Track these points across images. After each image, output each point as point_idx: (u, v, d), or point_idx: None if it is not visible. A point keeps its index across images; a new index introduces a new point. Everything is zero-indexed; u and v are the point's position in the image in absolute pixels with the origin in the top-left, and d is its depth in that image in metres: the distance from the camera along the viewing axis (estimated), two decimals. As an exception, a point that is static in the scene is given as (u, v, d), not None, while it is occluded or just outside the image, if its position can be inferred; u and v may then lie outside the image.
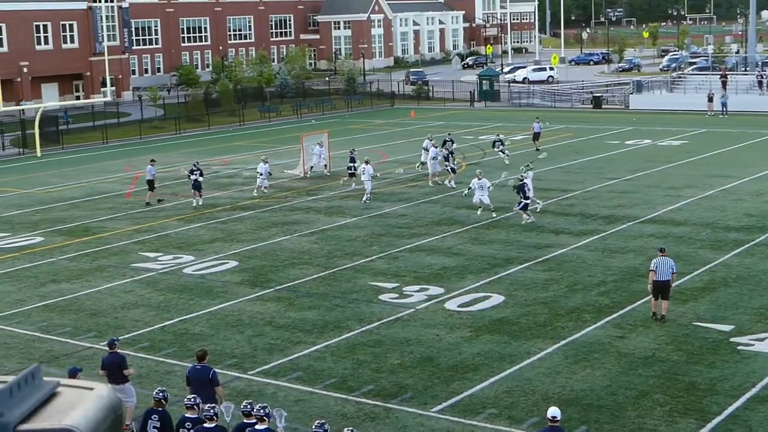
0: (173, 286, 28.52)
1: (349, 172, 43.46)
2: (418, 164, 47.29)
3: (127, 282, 29.09)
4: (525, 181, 35.40)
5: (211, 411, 14.80)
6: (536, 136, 54.73)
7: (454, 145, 47.78)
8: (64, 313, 26.16)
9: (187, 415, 15.02)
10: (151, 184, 41.23)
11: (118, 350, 18.27)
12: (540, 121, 55.62)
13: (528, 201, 35.11)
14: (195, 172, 40.44)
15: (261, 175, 42.24)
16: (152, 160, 42.99)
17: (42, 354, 22.85)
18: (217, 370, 18.32)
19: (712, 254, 30.03)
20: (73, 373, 16.69)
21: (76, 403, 2.19)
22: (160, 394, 15.67)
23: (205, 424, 14.58)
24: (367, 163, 40.45)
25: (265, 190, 42.56)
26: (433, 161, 44.33)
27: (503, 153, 49.07)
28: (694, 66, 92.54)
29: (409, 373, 20.80)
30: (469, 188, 36.78)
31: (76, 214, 40.06)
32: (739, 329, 22.89)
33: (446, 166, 44.04)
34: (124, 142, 66.60)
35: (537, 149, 52.80)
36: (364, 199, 39.73)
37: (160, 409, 15.48)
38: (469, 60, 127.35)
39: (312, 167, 47.36)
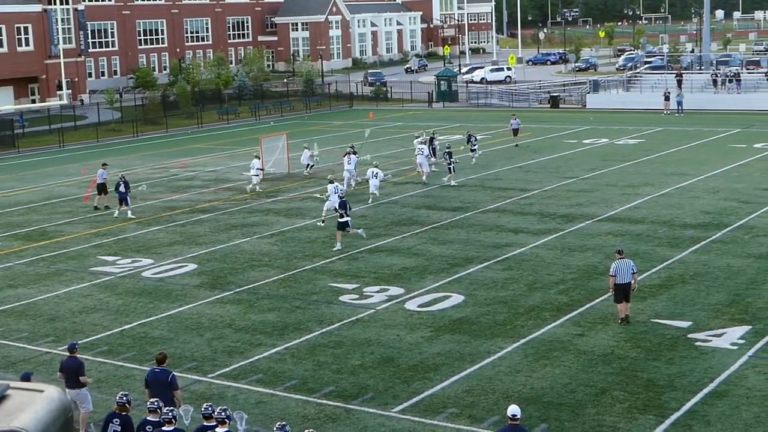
0: (132, 289, 28.31)
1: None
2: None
3: (86, 286, 28.85)
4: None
5: (170, 414, 14.68)
6: (515, 132, 56.29)
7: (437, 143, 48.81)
8: (21, 318, 25.91)
9: (148, 418, 14.88)
10: (102, 188, 40.73)
11: (77, 355, 18.09)
12: (516, 118, 56.43)
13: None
14: (121, 185, 38.74)
15: (254, 170, 43.38)
16: (104, 164, 42.72)
17: (-2, 360, 22.62)
18: (176, 373, 18.20)
19: (669, 251, 30.25)
20: (25, 378, 16.53)
21: (26, 405, 2.12)
22: (124, 398, 15.52)
23: (164, 428, 14.45)
24: (375, 166, 40.38)
25: (258, 189, 43.39)
26: (425, 158, 45.19)
27: (473, 151, 49.18)
28: (650, 65, 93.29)
29: (369, 374, 20.77)
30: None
31: (32, 219, 39.69)
32: (697, 325, 23.06)
33: (448, 164, 43.94)
34: (81, 146, 66.07)
35: (516, 145, 55.05)
36: (371, 201, 39.79)
37: (123, 413, 15.35)
38: (412, 64, 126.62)
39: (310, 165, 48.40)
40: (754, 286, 26.11)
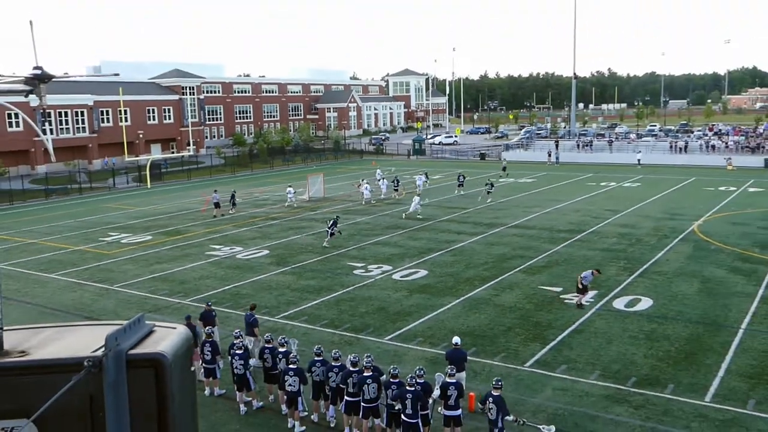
0: (230, 265, 28.36)
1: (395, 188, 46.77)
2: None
3: (203, 263, 28.89)
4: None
5: (283, 340, 15.35)
6: (504, 169, 59.43)
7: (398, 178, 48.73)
8: (164, 282, 25.96)
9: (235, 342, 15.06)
10: (217, 204, 40.77)
11: (212, 307, 18.62)
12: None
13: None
14: (233, 196, 42.27)
15: (290, 195, 44.28)
16: (215, 190, 42.79)
17: (150, 306, 22.66)
18: (257, 315, 18.28)
19: (549, 246, 30.33)
20: (187, 319, 17.12)
21: (166, 337, 2.15)
22: (210, 330, 15.93)
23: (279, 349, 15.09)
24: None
25: (295, 205, 43.56)
26: (385, 186, 46.58)
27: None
28: (539, 135, 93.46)
29: (371, 317, 20.84)
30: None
31: (172, 222, 39.68)
32: (565, 290, 23.14)
33: (395, 189, 45.35)
34: (200, 180, 65.87)
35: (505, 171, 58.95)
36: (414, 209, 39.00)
37: (211, 339, 15.59)
38: (374, 139, 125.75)
39: (372, 192, 46.07)
40: (599, 267, 26.15)
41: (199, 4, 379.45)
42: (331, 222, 32.02)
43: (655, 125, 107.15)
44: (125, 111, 77.04)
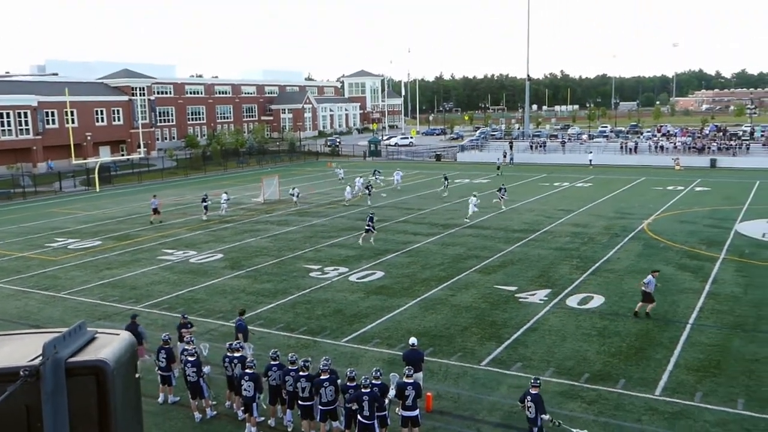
0: (183, 270, 27.93)
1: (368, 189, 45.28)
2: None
3: (154, 268, 28.38)
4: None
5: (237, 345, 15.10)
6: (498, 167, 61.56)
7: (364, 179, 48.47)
8: (114, 288, 25.41)
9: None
10: (155, 210, 39.44)
11: (188, 318, 17.94)
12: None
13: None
14: (206, 200, 40.75)
15: (224, 201, 41.69)
16: (154, 195, 41.83)
17: (100, 314, 22.16)
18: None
19: (504, 245, 30.67)
20: (133, 318, 17.02)
21: (108, 344, 2.10)
22: (167, 336, 15.55)
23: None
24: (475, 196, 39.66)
25: (224, 213, 41.29)
26: (354, 189, 45.92)
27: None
28: (494, 136, 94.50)
29: (327, 319, 20.76)
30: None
31: (122, 227, 38.86)
32: (520, 289, 23.45)
33: (367, 192, 45.18)
34: (151, 183, 64.68)
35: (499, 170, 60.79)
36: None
37: (167, 346, 15.30)
38: (329, 140, 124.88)
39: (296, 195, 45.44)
40: (552, 266, 26.63)
41: (148, 4, 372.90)
42: (368, 218, 32.20)
43: (606, 126, 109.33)
44: (72, 112, 75.17)
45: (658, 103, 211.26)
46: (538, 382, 12.66)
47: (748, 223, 34.73)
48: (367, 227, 31.95)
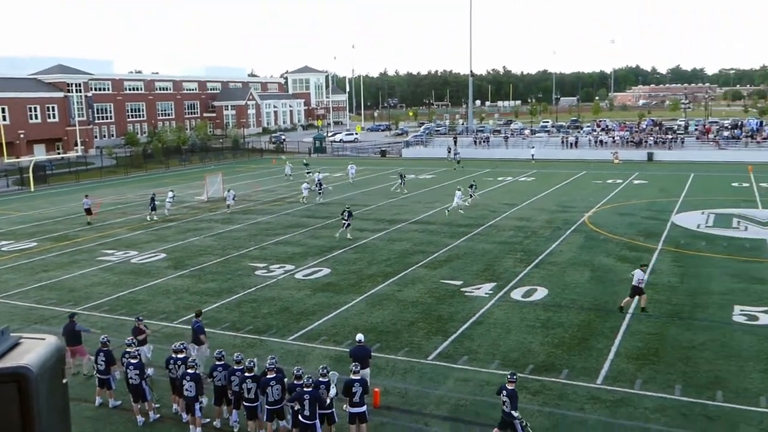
0: (124, 270, 27.24)
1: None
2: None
3: (94, 269, 27.60)
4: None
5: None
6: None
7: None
8: (52, 290, 24.63)
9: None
10: (88, 211, 38.35)
11: (143, 321, 17.17)
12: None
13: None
14: (155, 199, 39.18)
15: (169, 200, 40.46)
16: (86, 195, 40.50)
17: (36, 317, 21.44)
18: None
19: (450, 240, 30.93)
20: (71, 317, 16.64)
21: (31, 349, 2.00)
22: (105, 338, 15.17)
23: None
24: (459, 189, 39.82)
25: (167, 213, 39.88)
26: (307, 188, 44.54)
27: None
28: (438, 131, 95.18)
29: (274, 318, 20.58)
30: None
31: (59, 227, 37.65)
32: (465, 283, 23.68)
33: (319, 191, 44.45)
34: (90, 182, 62.81)
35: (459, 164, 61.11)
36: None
37: (105, 348, 14.92)
38: (274, 137, 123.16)
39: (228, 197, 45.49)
40: (497, 260, 26.99)
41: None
42: (346, 213, 31.77)
43: (548, 122, 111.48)
44: (2, 109, 72.50)
45: (597, 98, 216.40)
46: (515, 377, 12.59)
47: (683, 215, 35.93)
48: (344, 221, 31.81)
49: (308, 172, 55.74)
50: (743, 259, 26.13)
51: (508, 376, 12.62)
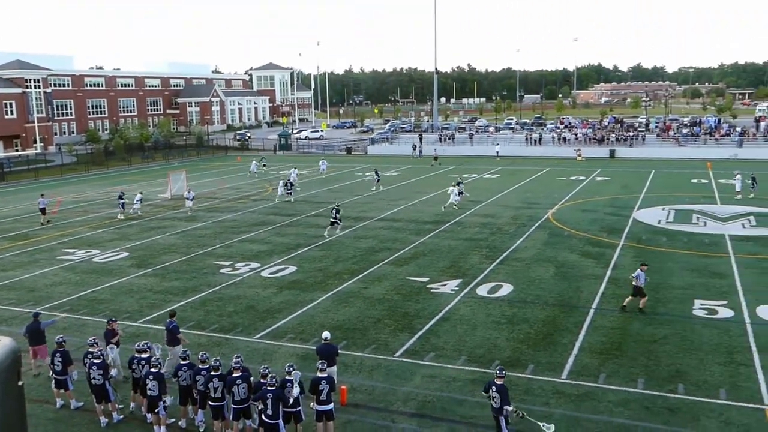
0: (86, 270, 26.71)
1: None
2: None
3: (54, 269, 27.01)
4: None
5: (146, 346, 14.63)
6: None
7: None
8: (11, 290, 24.01)
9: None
10: (42, 210, 37.06)
11: (116, 322, 16.44)
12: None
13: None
14: (123, 197, 38.53)
15: (136, 202, 39.40)
16: (42, 194, 39.40)
17: (-6, 318, 20.85)
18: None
19: (415, 237, 31.00)
20: (35, 317, 16.44)
21: None
22: (61, 339, 14.92)
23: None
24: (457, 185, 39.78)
25: (138, 212, 39.05)
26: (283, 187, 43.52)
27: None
28: (404, 128, 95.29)
29: (239, 316, 20.39)
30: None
31: (17, 226, 36.77)
32: (432, 280, 23.76)
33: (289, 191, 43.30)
34: (50, 180, 61.53)
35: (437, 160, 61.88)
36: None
37: (61, 349, 14.62)
38: (238, 134, 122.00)
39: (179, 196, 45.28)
40: (463, 256, 27.14)
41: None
42: (334, 210, 31.60)
43: (512, 119, 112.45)
44: (-41, 105, 70.47)
45: (560, 95, 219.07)
46: (504, 372, 12.51)
47: (644, 211, 36.57)
48: (332, 219, 31.74)
49: (264, 165, 56.61)
50: (703, 255, 26.70)
51: (497, 372, 12.50)
